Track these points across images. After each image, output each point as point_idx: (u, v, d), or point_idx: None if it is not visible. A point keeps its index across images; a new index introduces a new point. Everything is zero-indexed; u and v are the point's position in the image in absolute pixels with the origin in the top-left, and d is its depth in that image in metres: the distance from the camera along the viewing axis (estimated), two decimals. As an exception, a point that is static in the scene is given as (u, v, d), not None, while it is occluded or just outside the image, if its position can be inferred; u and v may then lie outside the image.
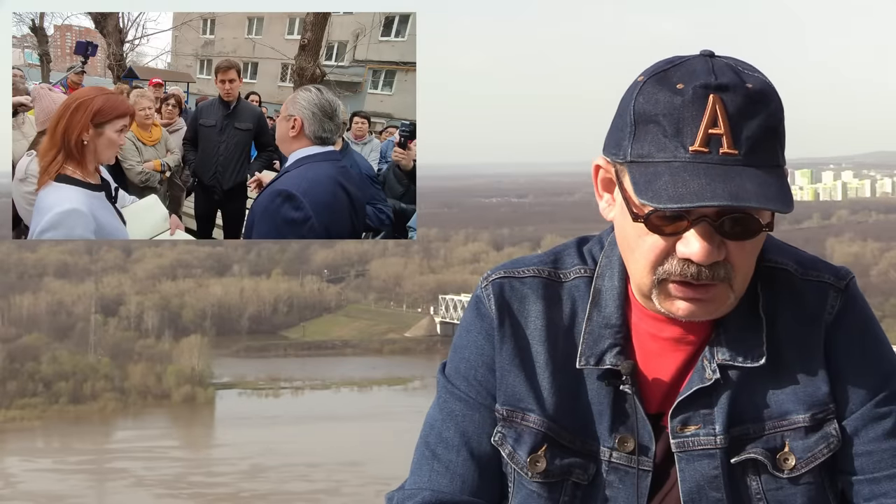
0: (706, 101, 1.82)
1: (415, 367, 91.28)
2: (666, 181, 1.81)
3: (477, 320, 2.05)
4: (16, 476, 68.16)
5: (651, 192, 1.82)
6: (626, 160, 1.87)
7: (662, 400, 1.99)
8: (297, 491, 64.32)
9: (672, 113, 1.83)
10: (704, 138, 1.82)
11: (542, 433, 1.99)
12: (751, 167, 1.82)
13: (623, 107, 1.90)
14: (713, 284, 1.88)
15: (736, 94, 1.83)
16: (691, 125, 1.82)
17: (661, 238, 1.87)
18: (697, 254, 1.85)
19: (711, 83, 1.83)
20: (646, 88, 1.87)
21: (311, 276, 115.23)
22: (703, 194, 1.79)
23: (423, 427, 2.09)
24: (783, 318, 1.99)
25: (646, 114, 1.86)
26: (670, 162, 1.83)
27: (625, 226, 1.93)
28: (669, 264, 1.88)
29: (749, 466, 1.96)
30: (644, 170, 1.84)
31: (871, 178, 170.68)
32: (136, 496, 63.91)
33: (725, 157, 1.82)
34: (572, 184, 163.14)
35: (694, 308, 1.90)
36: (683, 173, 1.81)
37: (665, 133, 1.84)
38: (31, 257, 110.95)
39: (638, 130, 1.86)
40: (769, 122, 1.85)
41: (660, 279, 1.89)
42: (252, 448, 71.53)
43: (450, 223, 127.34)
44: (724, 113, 1.82)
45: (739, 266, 1.89)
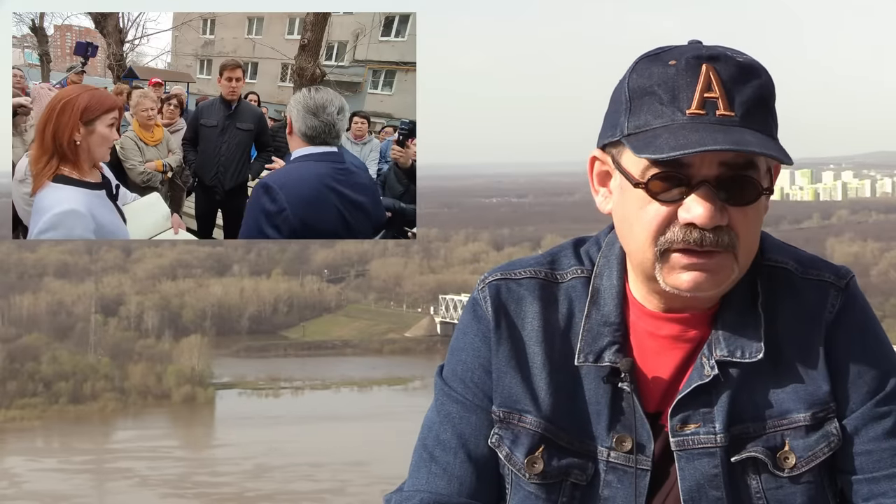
0: (699, 69, 1.85)
1: (415, 367, 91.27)
2: (666, 138, 1.83)
3: (474, 322, 2.05)
4: (19, 476, 68.14)
5: (652, 148, 1.83)
6: (623, 135, 1.89)
7: (661, 399, 1.99)
8: (302, 490, 64.34)
9: (667, 82, 1.86)
10: (700, 101, 1.84)
11: (539, 434, 1.99)
12: (748, 128, 1.84)
13: (616, 92, 1.93)
14: (717, 252, 1.88)
15: (728, 63, 1.87)
16: (686, 91, 1.85)
17: (663, 206, 1.88)
18: (700, 217, 1.85)
19: (703, 54, 1.87)
20: (638, 67, 1.91)
21: (311, 276, 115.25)
22: (705, 141, 1.80)
23: (420, 429, 2.09)
24: (783, 317, 1.98)
25: (640, 87, 1.88)
26: (668, 125, 1.85)
27: (625, 204, 1.93)
28: (672, 232, 1.88)
29: (749, 465, 1.96)
30: (643, 135, 1.86)
31: (871, 178, 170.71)
32: (140, 496, 63.89)
33: (722, 118, 1.84)
34: (572, 184, 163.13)
35: (700, 279, 1.89)
36: (682, 130, 1.83)
37: (661, 101, 1.86)
38: (31, 257, 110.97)
39: (633, 105, 1.88)
40: (761, 91, 1.88)
41: (662, 249, 1.89)
42: (254, 448, 71.55)
43: (450, 223, 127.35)
44: (717, 79, 1.85)
45: (743, 234, 1.89)
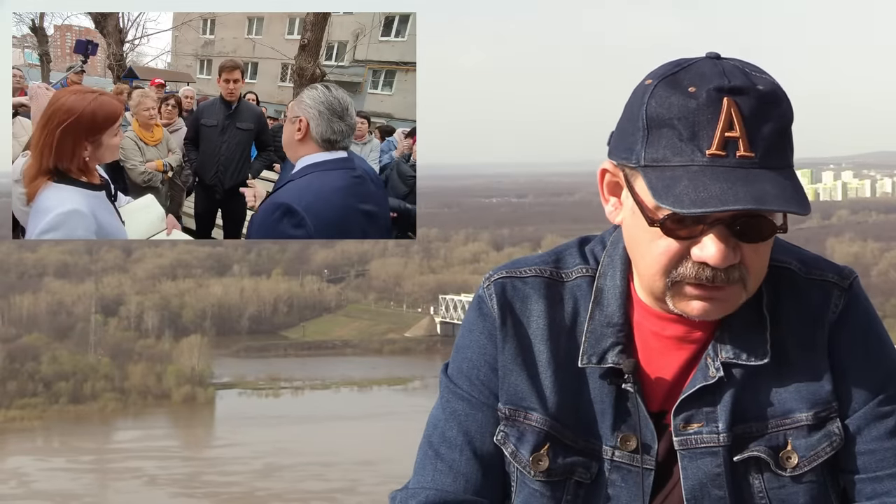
0: (720, 104, 1.81)
1: (415, 367, 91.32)
2: (686, 185, 1.80)
3: (479, 320, 2.05)
4: (27, 475, 68.12)
5: (672, 197, 1.80)
6: (639, 164, 1.86)
7: (665, 398, 1.99)
8: (313, 490, 64.34)
9: (687, 116, 1.82)
10: (721, 141, 1.81)
11: (544, 432, 1.99)
12: (767, 169, 1.82)
13: (632, 111, 1.89)
14: (727, 286, 1.88)
15: (749, 96, 1.83)
16: (707, 129, 1.81)
17: (676, 241, 1.87)
18: (714, 257, 1.85)
19: (725, 86, 1.82)
20: (657, 92, 1.86)
21: (311, 276, 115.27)
22: (726, 198, 1.78)
23: (426, 427, 2.09)
24: (787, 317, 1.99)
25: (659, 118, 1.84)
26: (687, 166, 1.82)
27: (636, 230, 1.92)
28: (684, 267, 1.88)
29: (752, 464, 1.96)
30: (661, 174, 1.83)
31: (871, 178, 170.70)
32: (149, 496, 63.91)
33: (742, 160, 1.81)
34: (572, 184, 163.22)
35: (709, 307, 1.90)
36: (703, 177, 1.80)
37: (680, 137, 1.83)
38: (31, 257, 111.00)
39: (651, 135, 1.85)
40: (782, 123, 1.85)
41: (674, 281, 1.89)
42: (259, 448, 71.60)
43: (450, 223, 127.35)
44: (739, 116, 1.81)
45: (753, 268, 1.89)
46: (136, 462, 70.13)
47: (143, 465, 69.63)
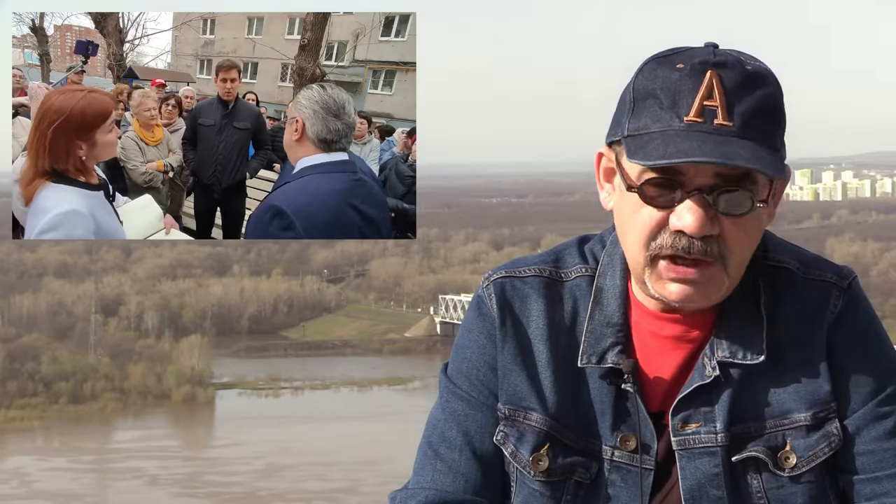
0: (703, 75, 1.84)
1: (415, 367, 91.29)
2: (658, 144, 1.82)
3: (479, 320, 2.05)
4: (27, 476, 68.10)
5: (642, 153, 1.83)
6: (623, 135, 1.89)
7: (664, 398, 1.99)
8: (315, 490, 64.31)
9: (669, 87, 1.85)
10: (699, 109, 1.83)
11: (544, 432, 1.99)
12: (745, 139, 1.83)
13: (624, 91, 1.93)
14: (706, 263, 1.88)
15: (734, 71, 1.85)
16: (687, 97, 1.84)
17: (655, 211, 1.87)
18: (690, 225, 1.85)
19: (710, 60, 1.86)
20: (646, 68, 1.90)
21: (311, 276, 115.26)
22: (693, 152, 1.79)
23: (425, 427, 2.09)
24: (785, 317, 1.99)
25: (644, 90, 1.87)
26: (664, 130, 1.84)
27: (623, 206, 1.93)
28: (662, 238, 1.88)
29: (750, 465, 1.96)
30: (640, 139, 1.86)
31: (871, 178, 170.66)
32: (151, 496, 63.89)
33: (720, 127, 1.83)
34: (572, 184, 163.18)
35: (688, 291, 1.89)
36: (676, 138, 1.82)
37: (661, 105, 1.85)
38: (31, 257, 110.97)
39: (637, 106, 1.88)
40: (765, 101, 1.86)
41: (652, 255, 1.89)
42: (260, 448, 71.57)
43: (450, 223, 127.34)
44: (720, 87, 1.84)
45: (733, 246, 1.89)
46: (137, 462, 70.11)
47: (144, 465, 69.60)
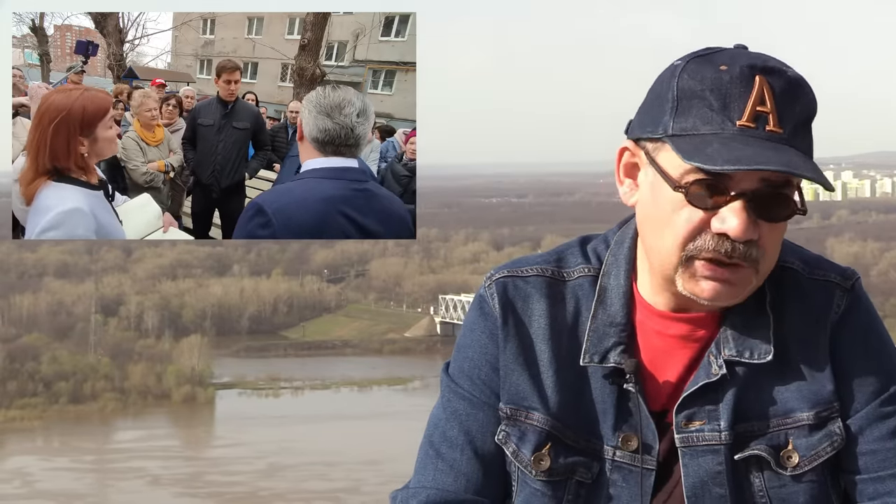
0: (753, 80, 1.84)
1: (415, 367, 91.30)
2: (717, 147, 1.81)
3: (480, 319, 2.05)
4: (29, 475, 68.12)
5: (703, 156, 1.81)
6: (666, 134, 1.87)
7: (667, 397, 1.99)
8: (317, 490, 64.33)
9: (719, 88, 1.84)
10: (752, 114, 1.83)
11: (546, 431, 1.99)
12: (793, 147, 1.84)
13: (661, 87, 1.90)
14: (741, 266, 1.88)
15: (781, 77, 1.86)
16: (739, 101, 1.83)
17: (697, 211, 1.87)
18: (736, 229, 1.84)
19: (758, 64, 1.85)
20: (689, 67, 1.88)
21: (311, 276, 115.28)
22: (758, 159, 1.79)
23: (426, 426, 2.09)
24: (789, 317, 1.99)
25: (690, 90, 1.86)
26: (718, 133, 1.83)
27: (655, 204, 1.91)
28: (702, 240, 1.87)
29: (752, 463, 1.96)
30: (691, 139, 1.84)
31: (871, 178, 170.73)
32: (153, 496, 63.91)
33: (771, 134, 1.83)
34: (572, 184, 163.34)
35: (720, 290, 1.89)
36: (733, 142, 1.82)
37: (711, 107, 1.84)
38: (31, 257, 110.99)
39: (681, 106, 1.86)
40: (809, 109, 1.88)
41: (688, 256, 1.88)
42: (261, 448, 71.58)
43: (450, 223, 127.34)
44: (770, 93, 1.84)
45: (768, 249, 1.90)
46: (139, 462, 70.12)
47: (145, 465, 69.62)
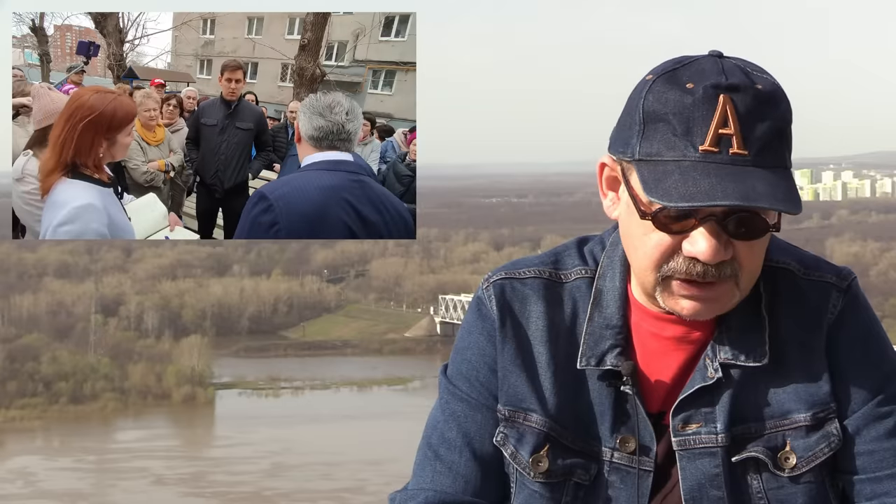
0: (716, 101, 1.82)
1: (415, 367, 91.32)
2: (676, 180, 1.81)
3: (478, 321, 2.05)
4: (31, 475, 68.12)
5: (661, 191, 1.81)
6: (633, 158, 1.87)
7: (664, 399, 1.99)
8: (319, 489, 64.31)
9: (682, 112, 1.83)
10: (714, 138, 1.81)
11: (544, 433, 1.99)
12: (760, 168, 1.82)
13: (631, 105, 1.90)
14: (719, 283, 1.88)
15: (746, 94, 1.83)
16: (701, 125, 1.82)
17: (667, 236, 1.87)
18: (704, 253, 1.84)
19: (722, 83, 1.83)
20: (655, 87, 1.87)
21: (311, 276, 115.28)
22: (714, 193, 1.78)
23: (425, 428, 2.09)
24: (786, 318, 1.99)
25: (655, 112, 1.85)
26: (679, 161, 1.82)
27: (630, 223, 1.92)
28: (675, 262, 1.88)
29: (750, 465, 1.97)
30: (653, 168, 1.84)
31: (871, 178, 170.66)
32: (149, 496, 63.87)
33: (735, 157, 1.81)
34: (572, 184, 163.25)
35: (699, 307, 1.90)
36: (693, 172, 1.81)
37: (675, 132, 1.83)
38: (31, 257, 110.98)
39: (647, 129, 1.86)
40: (778, 123, 1.85)
41: (664, 276, 1.89)
42: (260, 448, 71.54)
43: (450, 223, 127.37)
44: (734, 113, 1.82)
45: (746, 265, 1.89)
46: (141, 462, 70.10)
47: (148, 464, 69.60)
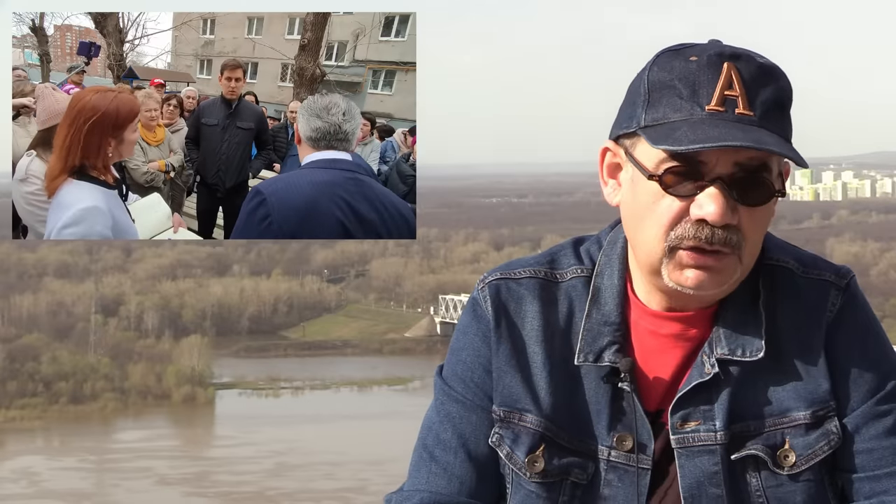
0: (721, 66, 1.86)
1: (415, 367, 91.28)
2: (685, 130, 1.83)
3: (474, 322, 2.05)
4: (36, 475, 68.10)
5: (671, 140, 1.83)
6: (639, 126, 1.89)
7: (662, 397, 1.99)
8: (321, 489, 64.31)
9: (687, 77, 1.87)
10: (720, 98, 1.85)
11: (539, 433, 1.99)
12: (765, 129, 1.85)
13: (635, 84, 1.93)
14: (724, 253, 1.88)
15: (749, 63, 1.88)
16: (707, 87, 1.86)
17: (676, 200, 1.88)
18: (712, 214, 1.85)
19: (726, 52, 1.88)
20: (659, 60, 1.91)
21: (311, 276, 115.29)
22: (724, 137, 1.81)
23: (420, 429, 2.09)
24: (784, 316, 1.99)
25: (660, 81, 1.89)
26: (687, 119, 1.85)
27: (636, 197, 1.93)
28: (682, 228, 1.88)
29: (749, 463, 1.96)
30: (661, 128, 1.86)
31: (871, 178, 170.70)
32: (151, 496, 63.85)
33: (742, 116, 1.85)
34: (572, 184, 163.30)
35: (703, 278, 1.90)
36: (702, 125, 1.84)
37: (681, 95, 1.86)
38: (31, 257, 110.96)
39: (652, 98, 1.89)
40: (780, 94, 1.89)
41: (671, 246, 1.89)
42: (262, 448, 71.54)
43: (450, 223, 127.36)
44: (738, 78, 1.86)
45: (749, 235, 1.90)
46: (143, 462, 70.09)
47: (151, 464, 69.59)
